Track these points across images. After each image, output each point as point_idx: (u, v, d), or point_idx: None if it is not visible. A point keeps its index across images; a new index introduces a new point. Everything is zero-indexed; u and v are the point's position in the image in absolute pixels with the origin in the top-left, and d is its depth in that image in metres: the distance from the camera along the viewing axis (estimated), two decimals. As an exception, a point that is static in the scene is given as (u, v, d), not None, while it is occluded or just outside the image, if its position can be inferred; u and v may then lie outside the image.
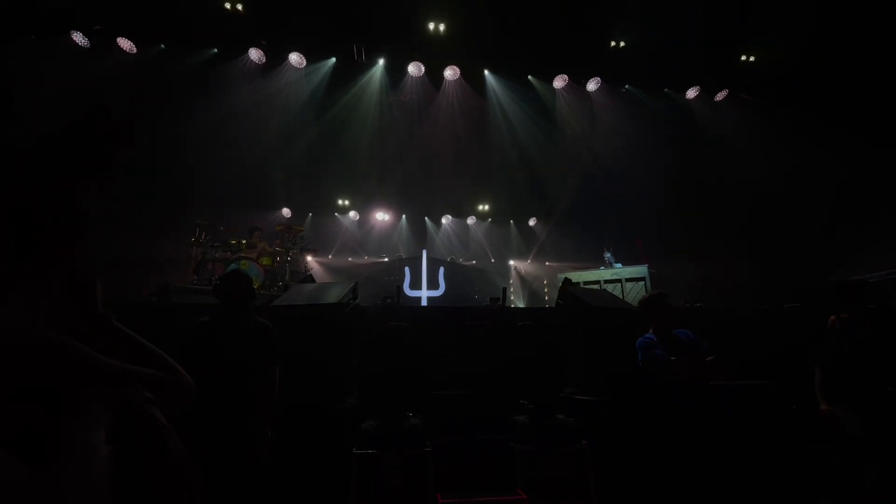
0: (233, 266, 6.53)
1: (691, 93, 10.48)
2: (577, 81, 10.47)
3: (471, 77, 10.36)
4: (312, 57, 9.53)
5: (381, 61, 9.87)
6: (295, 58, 9.42)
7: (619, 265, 7.53)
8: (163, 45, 8.84)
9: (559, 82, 10.44)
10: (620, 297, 6.44)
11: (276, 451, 2.63)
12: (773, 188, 9.21)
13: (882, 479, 2.96)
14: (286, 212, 10.98)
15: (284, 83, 9.64)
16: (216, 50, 9.07)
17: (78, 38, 8.10)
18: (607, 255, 7.90)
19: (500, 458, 3.15)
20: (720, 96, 10.48)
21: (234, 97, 9.16)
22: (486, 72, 10.40)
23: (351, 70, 9.87)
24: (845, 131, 8.30)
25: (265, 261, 7.28)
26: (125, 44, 8.52)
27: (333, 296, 3.91)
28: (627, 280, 6.98)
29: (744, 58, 9.45)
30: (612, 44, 9.28)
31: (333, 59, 9.66)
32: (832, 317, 3.66)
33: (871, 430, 3.10)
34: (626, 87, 10.60)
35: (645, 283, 6.76)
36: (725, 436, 2.99)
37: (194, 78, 8.82)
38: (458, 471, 3.05)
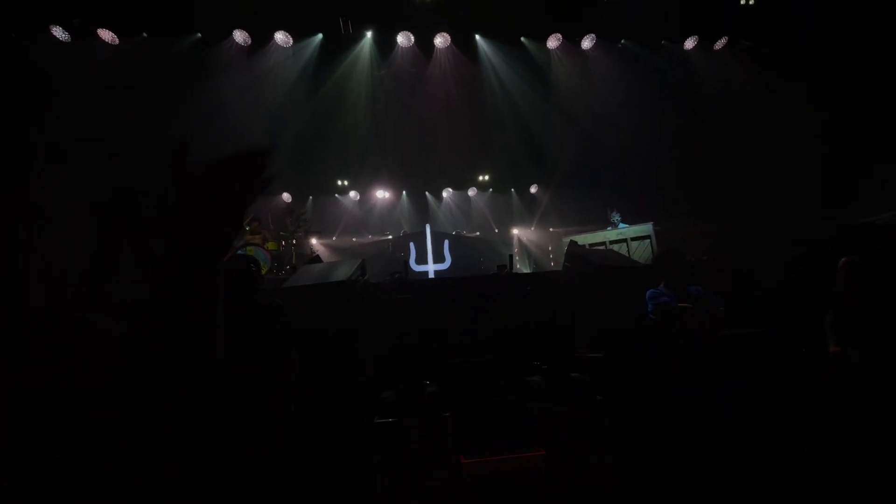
0: (239, 252, 6.57)
1: (689, 43, 10.17)
2: (572, 40, 10.15)
3: (462, 43, 10.08)
4: (298, 34, 9.29)
5: (369, 34, 9.61)
6: (281, 37, 9.18)
7: (625, 225, 7.50)
8: (145, 34, 8.63)
9: (553, 42, 10.14)
10: (627, 256, 6.44)
11: (297, 428, 2.71)
12: (775, 135, 9.04)
13: (888, 416, 3.03)
14: (286, 196, 10.95)
15: (273, 64, 9.44)
16: (200, 35, 8.85)
17: (58, 32, 7.92)
18: (615, 216, 7.84)
19: (518, 418, 3.24)
20: (720, 44, 10.16)
21: (223, 81, 8.99)
22: (477, 36, 10.10)
23: (339, 45, 9.63)
24: (847, 75, 8.07)
25: (271, 245, 7.33)
26: (106, 35, 8.33)
27: (342, 273, 3.95)
28: (633, 239, 6.97)
29: (743, 1, 9.11)
30: (606, -3, 8.98)
31: (320, 36, 9.40)
32: (842, 260, 3.67)
33: (882, 368, 3.16)
34: (622, 41, 10.28)
35: (651, 241, 6.75)
36: (733, 393, 3.05)
37: (181, 65, 8.64)
38: (477, 433, 3.14)
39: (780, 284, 4.23)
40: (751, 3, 9.10)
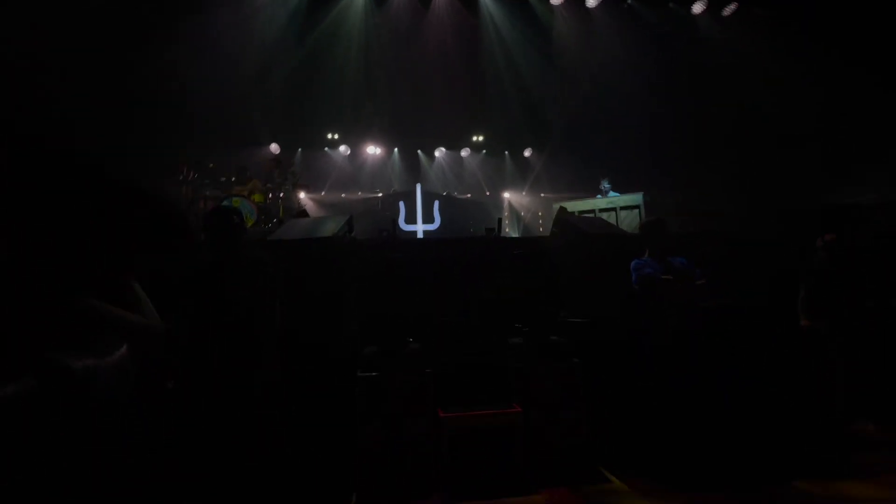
0: (225, 203, 6.43)
1: (698, 7, 9.80)
2: (577, -5, 9.73)
3: (462, -8, 9.59)
4: (289, -28, 8.73)
5: (365, -24, 9.06)
6: (271, -28, 8.62)
7: (616, 194, 7.49)
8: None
9: (557, -3, 9.70)
10: (615, 224, 6.47)
11: (281, 384, 2.74)
12: (773, 110, 8.93)
13: (849, 382, 3.20)
14: (274, 147, 10.63)
15: (261, 3, 8.88)
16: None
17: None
18: (605, 184, 7.81)
19: (497, 376, 3.35)
20: (728, 10, 9.82)
21: (207, 22, 8.46)
22: (478, -15, 9.61)
23: (331, -13, 9.09)
24: (854, 56, 7.90)
25: (257, 197, 7.17)
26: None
27: (329, 229, 3.90)
28: (622, 208, 6.97)
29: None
30: (616, -50, 8.52)
31: (312, -26, 8.85)
32: (819, 239, 3.76)
33: (844, 340, 3.31)
34: (629, 0, 9.87)
35: (640, 211, 6.77)
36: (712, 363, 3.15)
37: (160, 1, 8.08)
38: (457, 389, 3.24)
39: (766, 259, 4.30)
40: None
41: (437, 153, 12.29)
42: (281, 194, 7.69)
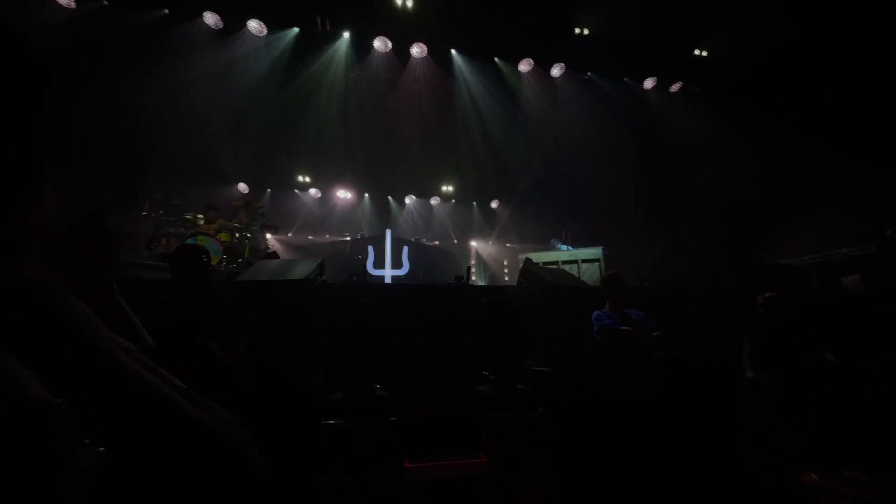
0: (190, 241, 6.29)
1: (649, 83, 10.92)
2: (543, 66, 10.63)
3: (438, 56, 10.27)
4: (273, 25, 9.11)
5: (347, 34, 9.58)
6: (254, 25, 8.96)
7: (567, 248, 7.88)
8: (105, 2, 8.15)
9: (525, 66, 10.56)
10: (577, 276, 6.76)
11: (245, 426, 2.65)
12: (719, 175, 9.83)
13: (792, 433, 3.41)
14: (243, 187, 10.58)
15: (243, 52, 9.16)
16: (166, 11, 8.48)
17: (5, -13, 7.31)
18: (556, 242, 8.24)
19: (464, 425, 3.34)
20: (675, 88, 10.98)
21: (188, 64, 8.62)
22: (453, 51, 10.34)
23: (314, 42, 9.52)
24: (784, 124, 8.96)
25: (223, 237, 7.05)
26: (62, -4, 7.80)
27: (300, 272, 3.91)
28: (583, 261, 7.31)
29: (697, 52, 9.93)
30: (577, 30, 9.47)
31: (296, 29, 9.27)
32: (760, 296, 4.11)
33: (786, 392, 3.55)
34: (589, 73, 10.88)
35: (599, 264, 7.11)
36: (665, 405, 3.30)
37: (143, 41, 8.21)
38: (423, 438, 3.20)
39: (711, 312, 4.61)
40: (704, 54, 9.94)
41: (407, 200, 12.58)
42: (248, 234, 7.59)
